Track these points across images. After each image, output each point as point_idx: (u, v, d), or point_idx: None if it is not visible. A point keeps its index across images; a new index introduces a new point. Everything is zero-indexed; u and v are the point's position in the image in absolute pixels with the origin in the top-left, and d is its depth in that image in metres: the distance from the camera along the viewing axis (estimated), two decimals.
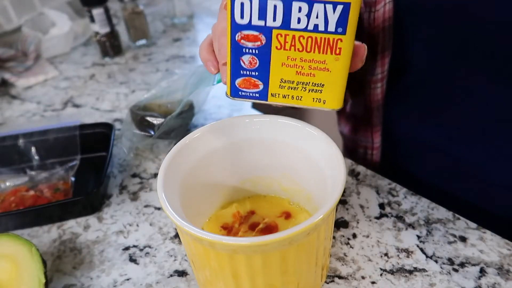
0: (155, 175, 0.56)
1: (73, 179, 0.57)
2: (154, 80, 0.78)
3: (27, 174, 0.58)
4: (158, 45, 0.91)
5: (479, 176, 0.48)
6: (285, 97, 0.35)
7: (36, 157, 0.59)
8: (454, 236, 0.43)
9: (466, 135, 0.47)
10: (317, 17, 0.30)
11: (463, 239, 0.43)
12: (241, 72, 0.34)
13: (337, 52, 0.31)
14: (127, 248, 0.46)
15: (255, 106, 0.72)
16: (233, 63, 0.34)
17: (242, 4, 0.31)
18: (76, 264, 0.45)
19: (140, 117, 0.57)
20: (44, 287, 0.38)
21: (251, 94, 0.35)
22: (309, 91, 0.34)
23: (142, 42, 0.91)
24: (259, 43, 0.32)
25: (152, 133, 0.56)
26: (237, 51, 0.33)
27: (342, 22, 0.30)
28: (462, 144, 0.47)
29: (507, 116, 0.42)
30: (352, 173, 0.52)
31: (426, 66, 0.46)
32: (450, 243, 0.43)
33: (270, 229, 0.41)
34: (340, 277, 0.41)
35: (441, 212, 0.46)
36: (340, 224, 0.46)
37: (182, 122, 0.60)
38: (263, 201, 0.44)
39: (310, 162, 0.39)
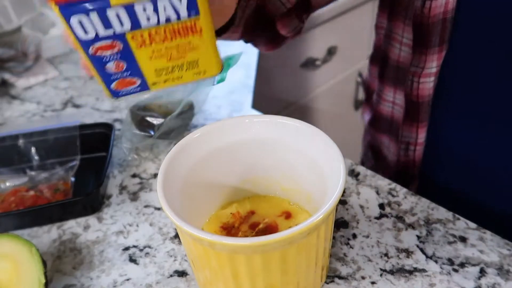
0: (155, 175, 0.56)
1: (73, 179, 0.57)
2: None
3: (27, 174, 0.58)
4: None
5: (488, 176, 0.47)
6: (166, 82, 0.35)
7: (36, 157, 0.59)
8: (454, 236, 0.43)
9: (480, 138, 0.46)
10: (165, 10, 0.30)
11: (463, 239, 0.43)
12: (112, 77, 0.33)
13: (199, 31, 0.31)
14: (127, 248, 0.46)
15: (255, 106, 0.72)
16: (101, 73, 0.33)
17: (80, 22, 0.29)
18: (76, 264, 0.45)
19: (140, 117, 0.57)
20: (44, 287, 0.38)
21: (132, 90, 0.35)
22: (186, 69, 0.34)
23: None
24: (116, 49, 0.31)
25: (152, 133, 0.56)
26: (98, 63, 0.32)
27: (192, 5, 0.30)
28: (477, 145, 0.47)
29: None
30: (352, 173, 0.52)
31: (481, 67, 0.44)
32: (450, 243, 0.43)
33: (270, 229, 0.41)
34: (340, 277, 0.41)
35: (441, 212, 0.46)
36: (340, 224, 0.46)
37: (182, 122, 0.59)
38: (263, 201, 0.44)
39: (310, 162, 0.39)
